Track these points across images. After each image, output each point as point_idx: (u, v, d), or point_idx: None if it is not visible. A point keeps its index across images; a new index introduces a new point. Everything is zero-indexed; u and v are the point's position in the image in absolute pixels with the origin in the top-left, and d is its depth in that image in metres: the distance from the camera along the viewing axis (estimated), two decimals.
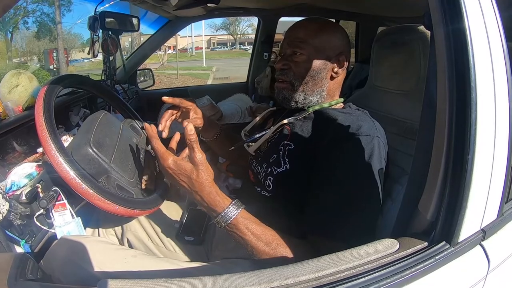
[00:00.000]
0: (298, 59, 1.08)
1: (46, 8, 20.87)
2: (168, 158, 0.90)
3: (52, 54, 16.97)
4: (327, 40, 1.08)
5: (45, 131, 0.86)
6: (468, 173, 0.66)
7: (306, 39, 1.07)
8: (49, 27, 21.60)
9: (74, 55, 22.82)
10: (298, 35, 1.09)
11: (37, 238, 1.00)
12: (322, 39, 1.08)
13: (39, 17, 21.64)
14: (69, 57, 19.74)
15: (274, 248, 0.86)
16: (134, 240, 1.19)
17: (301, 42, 1.07)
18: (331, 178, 0.93)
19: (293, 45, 1.09)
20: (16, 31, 20.82)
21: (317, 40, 1.07)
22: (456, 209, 0.68)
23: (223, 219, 0.87)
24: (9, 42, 20.08)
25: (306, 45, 1.07)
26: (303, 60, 1.08)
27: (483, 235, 0.75)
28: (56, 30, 20.18)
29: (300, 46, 1.07)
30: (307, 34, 1.08)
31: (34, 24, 21.74)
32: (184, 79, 15.92)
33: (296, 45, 1.08)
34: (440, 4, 0.66)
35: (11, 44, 20.34)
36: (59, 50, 17.93)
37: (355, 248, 0.68)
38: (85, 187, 0.84)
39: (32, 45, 21.96)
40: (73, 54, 22.52)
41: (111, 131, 1.08)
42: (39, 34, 22.06)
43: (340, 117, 1.02)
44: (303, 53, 1.07)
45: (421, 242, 0.71)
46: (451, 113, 0.65)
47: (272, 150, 1.09)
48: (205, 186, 0.88)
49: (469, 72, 0.64)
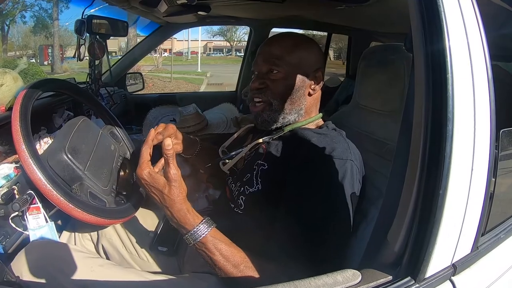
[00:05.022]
0: (275, 77, 1.06)
1: (44, 3, 20.93)
2: (145, 169, 0.89)
3: (47, 50, 16.92)
4: (304, 56, 1.07)
5: (19, 135, 0.88)
6: (439, 208, 0.63)
7: (283, 56, 1.05)
8: (46, 22, 21.68)
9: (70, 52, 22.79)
10: (274, 51, 1.07)
11: (11, 239, 0.99)
12: (299, 56, 1.06)
13: (37, 12, 21.72)
14: (65, 54, 19.67)
15: (241, 271, 0.85)
16: (108, 247, 1.19)
17: (278, 59, 1.05)
18: (301, 200, 0.92)
19: (269, 62, 1.06)
20: (13, 24, 20.81)
21: (293, 57, 1.06)
22: (424, 243, 0.66)
23: (192, 237, 0.86)
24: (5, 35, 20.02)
25: (283, 62, 1.05)
26: (281, 78, 1.05)
27: (453, 270, 0.72)
28: (52, 26, 20.20)
29: (276, 63, 1.05)
30: (283, 50, 1.06)
31: (31, 19, 21.85)
32: (178, 83, 15.91)
33: (272, 63, 1.06)
34: (421, 27, 0.64)
35: (7, 37, 20.28)
36: (55, 47, 17.94)
37: (314, 278, 0.66)
38: (55, 193, 0.85)
39: (28, 40, 22.03)
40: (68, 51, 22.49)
41: (89, 137, 1.08)
42: (35, 29, 22.13)
43: (314, 138, 1.00)
44: (280, 70, 1.05)
45: (385, 275, 0.68)
46: (425, 143, 0.63)
47: (246, 169, 1.08)
48: (176, 202, 0.87)
49: (446, 102, 0.61)
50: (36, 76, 10.01)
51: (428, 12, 0.64)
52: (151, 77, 14.96)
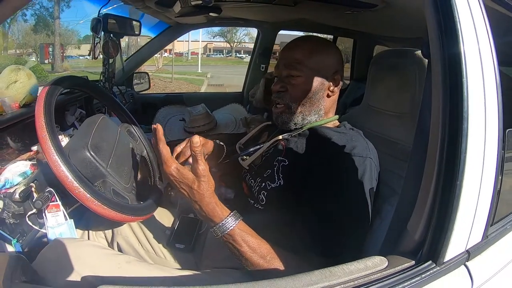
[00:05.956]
0: (295, 82, 1.09)
1: (46, 2, 20.80)
2: (172, 165, 0.90)
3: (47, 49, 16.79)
4: (323, 60, 1.10)
5: (45, 132, 0.86)
6: (456, 198, 0.69)
7: (303, 60, 1.08)
8: (47, 21, 21.48)
9: (70, 51, 22.68)
10: (295, 56, 1.10)
11: (27, 237, 0.99)
12: (318, 59, 1.09)
13: (38, 11, 21.55)
14: (65, 53, 19.56)
15: (268, 262, 0.87)
16: (124, 244, 1.18)
17: (298, 64, 1.09)
18: (323, 196, 0.94)
19: (290, 67, 1.10)
20: (14, 22, 20.67)
21: (313, 61, 1.09)
22: (443, 231, 0.71)
23: (220, 229, 0.88)
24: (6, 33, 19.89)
25: (303, 67, 1.08)
26: (301, 82, 1.09)
27: (467, 256, 0.77)
28: (53, 25, 20.07)
29: (297, 67, 1.09)
30: (303, 55, 1.09)
31: (32, 17, 21.64)
32: (179, 83, 15.81)
33: (293, 67, 1.09)
34: (439, 33, 0.70)
35: (8, 35, 20.14)
36: (55, 45, 17.81)
37: (345, 264, 0.70)
38: (82, 190, 0.83)
39: (29, 38, 21.79)
40: (69, 50, 22.37)
41: (109, 135, 1.07)
42: (36, 28, 21.92)
43: (334, 136, 1.03)
44: (301, 75, 1.08)
45: (408, 260, 0.73)
46: (443, 140, 0.68)
47: (266, 165, 1.11)
48: (205, 197, 0.88)
49: (462, 102, 0.67)
50: (37, 74, 9.91)
51: (445, 20, 0.69)
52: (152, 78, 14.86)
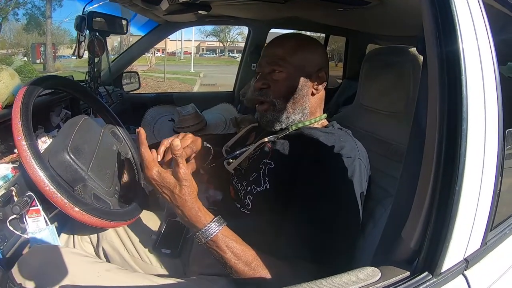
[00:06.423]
0: (277, 77, 1.07)
1: (37, 1, 20.69)
2: (153, 168, 0.87)
3: (39, 48, 16.74)
4: (306, 56, 1.08)
5: (21, 135, 0.84)
6: (455, 204, 0.65)
7: (285, 57, 1.06)
8: (39, 20, 21.41)
9: (62, 51, 22.54)
10: (277, 52, 1.08)
11: (9, 243, 0.95)
12: (301, 56, 1.07)
13: (30, 10, 21.45)
14: (57, 52, 19.47)
15: (253, 269, 0.84)
16: (109, 249, 1.16)
17: (280, 60, 1.06)
18: (311, 199, 0.92)
19: (272, 63, 1.07)
20: (5, 22, 20.52)
21: (296, 57, 1.07)
22: (441, 239, 0.67)
23: (204, 235, 0.85)
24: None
25: (285, 63, 1.06)
26: (282, 78, 1.06)
27: (466, 265, 0.74)
28: (45, 24, 19.96)
29: (279, 63, 1.06)
30: (285, 51, 1.07)
31: (24, 17, 21.58)
32: (171, 83, 15.85)
33: (275, 63, 1.07)
34: (435, 29, 0.65)
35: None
36: (47, 45, 17.73)
37: (335, 276, 0.66)
38: (60, 196, 0.81)
39: (21, 38, 21.73)
40: (61, 49, 22.24)
41: (91, 137, 1.05)
42: (28, 27, 21.85)
43: (322, 137, 1.01)
44: (282, 70, 1.06)
45: (403, 271, 0.69)
46: (441, 142, 0.64)
47: (252, 168, 1.08)
48: (187, 201, 0.86)
49: (461, 102, 0.63)
50: (29, 74, 9.84)
51: (441, 15, 0.65)
52: (144, 77, 14.85)
